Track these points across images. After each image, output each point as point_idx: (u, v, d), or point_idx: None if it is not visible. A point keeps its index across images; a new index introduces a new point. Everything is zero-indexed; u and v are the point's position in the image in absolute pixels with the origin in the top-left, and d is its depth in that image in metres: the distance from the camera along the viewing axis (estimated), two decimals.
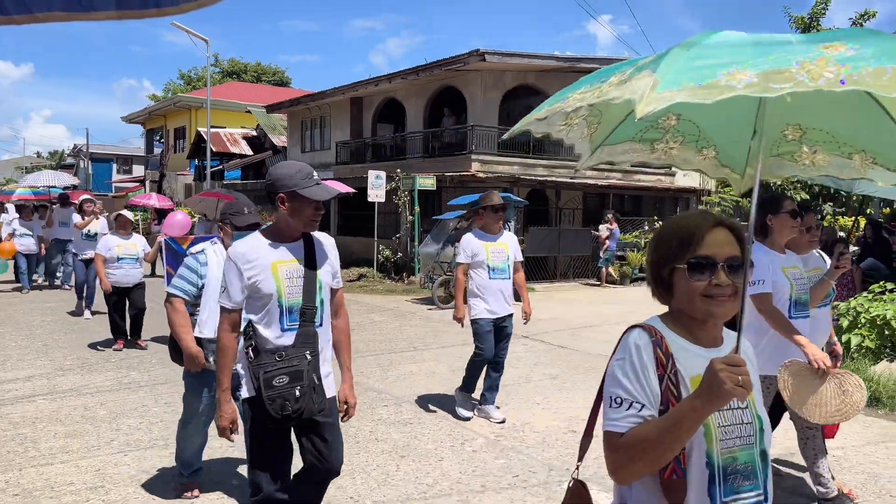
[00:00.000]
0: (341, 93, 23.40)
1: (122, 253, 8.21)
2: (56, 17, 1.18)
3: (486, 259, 5.65)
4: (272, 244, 2.94)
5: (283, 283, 2.90)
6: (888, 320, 7.16)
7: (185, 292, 3.94)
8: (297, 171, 2.91)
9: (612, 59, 20.03)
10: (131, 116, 41.21)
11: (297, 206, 2.89)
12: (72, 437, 5.13)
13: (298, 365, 2.88)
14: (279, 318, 2.91)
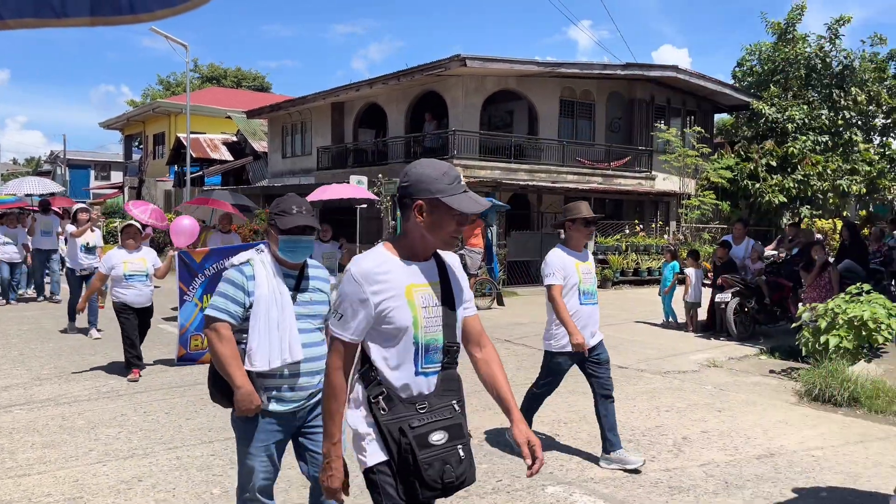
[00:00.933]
0: (322, 98, 23.35)
1: (129, 270, 7.14)
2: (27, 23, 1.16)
3: (578, 281, 4.89)
4: (405, 262, 2.34)
5: (419, 312, 2.30)
6: (865, 321, 7.25)
7: (231, 314, 3.06)
8: (442, 173, 2.31)
9: (592, 64, 20.20)
10: (109, 122, 40.79)
11: (438, 219, 2.29)
12: (49, 447, 5.05)
13: (453, 417, 2.32)
14: (414, 357, 2.31)
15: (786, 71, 24.19)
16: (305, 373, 3.10)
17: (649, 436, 5.53)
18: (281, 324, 3.04)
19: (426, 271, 2.37)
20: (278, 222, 3.13)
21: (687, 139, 21.20)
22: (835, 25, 23.68)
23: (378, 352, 2.31)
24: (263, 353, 3.04)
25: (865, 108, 23.95)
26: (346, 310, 2.29)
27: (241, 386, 3.01)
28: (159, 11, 1.15)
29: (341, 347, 2.32)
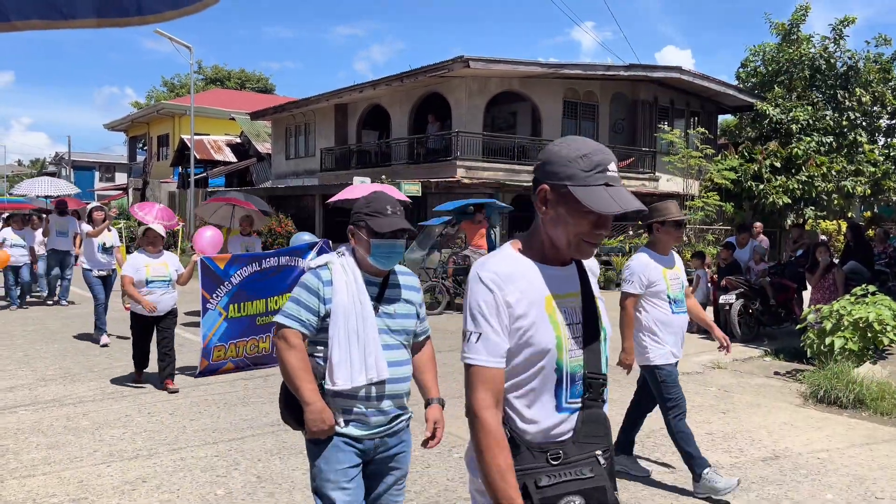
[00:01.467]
0: (325, 99, 23.38)
1: (151, 275, 6.71)
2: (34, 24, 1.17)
3: (665, 288, 4.45)
4: (539, 265, 1.85)
5: (562, 330, 1.82)
6: (870, 323, 7.23)
7: (303, 322, 2.67)
8: (580, 154, 1.76)
9: (595, 65, 20.19)
10: (114, 124, 40.92)
11: (564, 214, 1.78)
12: (54, 448, 5.06)
13: (595, 477, 1.79)
14: (555, 389, 1.82)
15: (790, 72, 24.14)
16: (390, 395, 2.72)
17: (654, 437, 5.52)
18: (362, 337, 2.67)
19: (565, 279, 1.88)
20: (372, 224, 2.73)
21: (690, 140, 21.17)
22: (839, 26, 23.63)
23: (508, 378, 1.81)
24: (345, 369, 2.64)
25: (870, 109, 23.88)
26: (484, 326, 1.77)
27: (311, 402, 2.61)
28: (166, 13, 1.15)
29: (487, 376, 1.76)
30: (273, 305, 7.58)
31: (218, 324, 7.27)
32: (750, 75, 26.18)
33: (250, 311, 7.48)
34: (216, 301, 7.27)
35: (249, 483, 4.46)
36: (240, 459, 4.87)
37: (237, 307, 7.39)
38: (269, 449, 5.10)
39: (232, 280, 7.34)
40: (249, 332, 7.51)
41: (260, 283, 7.52)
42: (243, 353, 7.47)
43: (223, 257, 7.54)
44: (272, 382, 7.08)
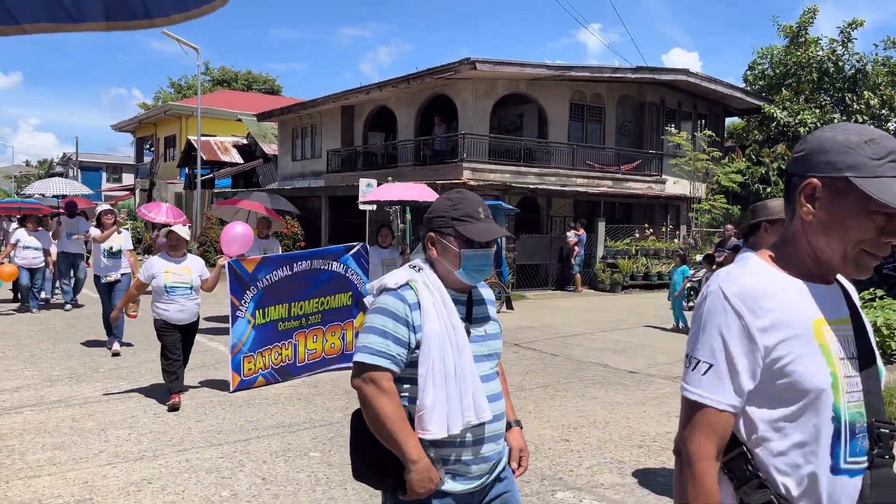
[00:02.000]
0: (332, 101, 23.40)
1: (172, 281, 6.21)
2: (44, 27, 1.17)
3: None
4: (801, 282, 1.49)
5: (838, 367, 1.44)
6: (878, 327, 7.19)
7: (394, 359, 2.14)
8: (866, 139, 1.43)
9: (602, 68, 20.16)
10: (121, 125, 41.08)
11: (844, 213, 1.43)
12: (59, 448, 5.07)
13: None
14: (832, 443, 1.42)
15: (798, 74, 24.07)
16: (491, 436, 2.26)
17: (660, 441, 5.49)
18: (459, 371, 2.18)
19: (834, 301, 1.51)
20: (464, 231, 2.23)
21: (697, 143, 21.11)
22: (847, 29, 23.56)
23: (765, 429, 1.43)
24: (441, 413, 2.13)
25: (878, 112, 23.78)
26: (720, 357, 1.42)
27: (417, 460, 2.08)
28: (175, 16, 1.15)
29: (714, 420, 1.42)
30: (297, 310, 7.22)
31: (248, 332, 6.80)
32: (757, 78, 26.12)
33: (273, 317, 7.04)
34: (245, 308, 6.79)
35: (255, 485, 4.46)
36: (245, 461, 4.87)
37: (262, 313, 6.95)
38: (275, 451, 5.09)
39: (259, 284, 6.89)
40: (273, 338, 7.04)
41: (286, 286, 7.10)
42: (269, 364, 7.00)
43: (252, 260, 6.98)
44: (278, 384, 7.08)
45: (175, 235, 6.34)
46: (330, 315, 7.53)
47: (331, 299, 7.50)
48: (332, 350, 7.58)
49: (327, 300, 7.47)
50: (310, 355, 7.37)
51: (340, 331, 7.63)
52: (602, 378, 7.75)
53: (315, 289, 7.33)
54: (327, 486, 4.47)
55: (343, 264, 7.57)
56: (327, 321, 7.51)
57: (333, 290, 7.52)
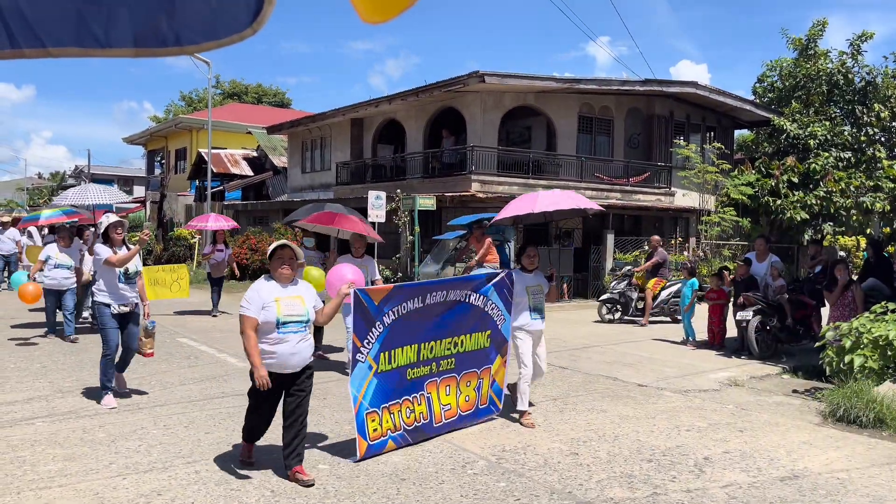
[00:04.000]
0: (341, 114, 23.55)
1: (284, 313, 4.62)
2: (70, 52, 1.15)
3: None
4: None
5: None
6: (891, 341, 7.13)
7: None
8: None
9: (610, 80, 20.19)
10: (132, 137, 41.44)
11: None
12: (70, 459, 5.09)
13: None
14: None
15: (807, 87, 24.03)
16: None
17: (670, 456, 5.46)
18: None
19: None
20: None
21: (706, 155, 21.07)
22: (857, 41, 23.53)
23: None
24: None
25: (889, 125, 23.70)
26: None
27: None
28: (206, 43, 1.15)
29: None
30: (426, 353, 5.69)
31: (368, 380, 5.26)
32: (767, 90, 26.09)
33: (400, 361, 5.50)
34: (367, 349, 5.25)
35: (264, 497, 4.46)
36: (254, 473, 4.87)
37: (388, 356, 5.39)
38: (278, 460, 5.09)
39: (385, 319, 5.32)
40: (401, 390, 5.53)
41: (416, 322, 5.58)
42: (401, 425, 5.47)
43: (381, 289, 5.40)
44: None
45: (288, 252, 4.81)
46: (465, 360, 6.02)
47: (466, 339, 5.99)
48: (467, 405, 6.07)
49: (462, 340, 5.96)
50: (446, 412, 5.87)
51: (476, 380, 6.14)
52: (611, 391, 7.71)
53: (448, 326, 5.84)
54: (336, 499, 4.46)
55: (483, 296, 6.12)
56: (462, 367, 6.01)
57: (470, 328, 6.02)
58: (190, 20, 1.13)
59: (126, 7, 1.13)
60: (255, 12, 1.13)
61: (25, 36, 1.13)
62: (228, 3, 1.13)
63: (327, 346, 9.96)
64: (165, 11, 1.13)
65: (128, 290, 6.87)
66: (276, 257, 4.78)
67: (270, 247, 4.88)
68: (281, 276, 4.75)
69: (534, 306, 6.34)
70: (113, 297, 6.80)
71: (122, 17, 1.13)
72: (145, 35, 1.14)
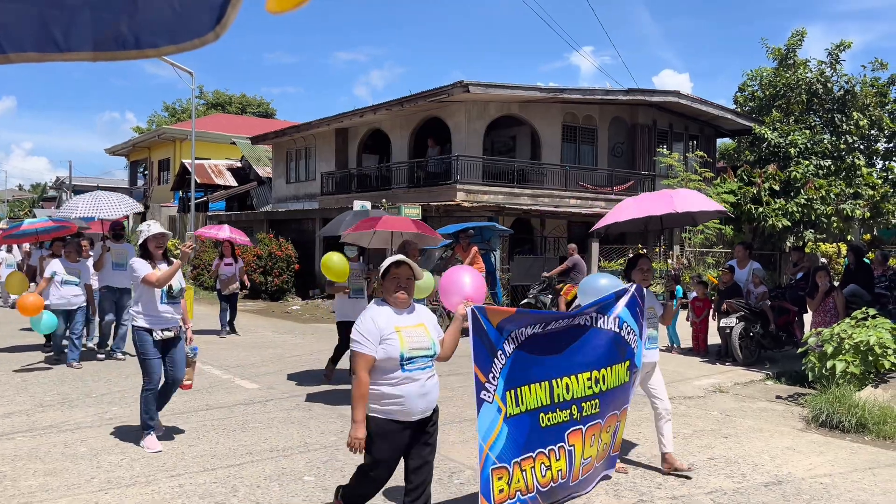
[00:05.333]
0: (326, 124, 23.53)
1: (410, 347, 3.67)
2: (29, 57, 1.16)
3: None
4: None
5: None
6: (871, 346, 7.21)
7: None
8: None
9: (594, 90, 20.33)
10: (115, 148, 41.17)
11: None
12: (51, 475, 5.02)
13: None
14: None
15: (787, 96, 24.33)
16: None
17: (655, 462, 5.48)
18: None
19: None
20: None
21: (689, 164, 21.26)
22: (835, 51, 23.86)
23: None
24: None
25: (867, 133, 24.04)
26: None
27: None
28: (165, 47, 1.16)
29: None
30: (563, 392, 4.41)
31: (498, 427, 4.05)
32: (748, 99, 26.38)
33: (530, 403, 4.25)
34: (493, 386, 4.04)
35: None
36: (238, 486, 4.83)
37: (514, 396, 4.17)
38: (269, 475, 5.06)
39: (505, 348, 4.12)
40: (535, 440, 4.27)
41: (541, 352, 4.36)
42: (534, 485, 4.25)
43: (500, 311, 4.18)
44: (271, 408, 7.05)
45: (406, 270, 3.78)
46: (608, 400, 4.72)
47: (607, 374, 4.69)
48: (603, 453, 4.85)
49: (603, 375, 4.67)
50: (584, 466, 4.61)
51: (615, 423, 4.92)
52: None
53: (584, 357, 4.61)
54: None
55: (612, 317, 4.83)
56: (605, 410, 4.71)
57: (609, 359, 4.74)
58: (151, 23, 1.14)
59: (89, 9, 1.13)
60: (217, 17, 1.13)
61: None
62: (191, 6, 1.13)
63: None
64: (128, 14, 1.13)
65: (171, 312, 5.83)
66: (390, 277, 3.77)
67: (384, 264, 3.82)
68: (398, 301, 3.75)
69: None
70: (153, 320, 5.74)
71: (84, 19, 1.13)
72: (105, 38, 1.14)
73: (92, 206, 9.72)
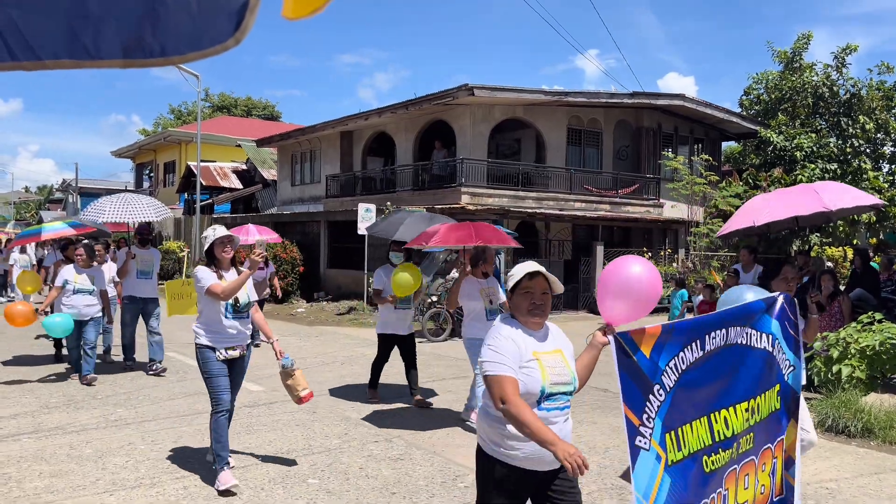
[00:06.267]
0: (331, 127, 23.58)
1: (552, 381, 3.02)
2: (64, 64, 1.20)
3: None
4: None
5: None
6: (878, 351, 7.18)
7: None
8: None
9: (599, 93, 20.33)
10: (121, 151, 41.30)
11: None
12: (57, 476, 5.04)
13: None
14: None
15: (793, 99, 24.28)
16: None
17: None
18: None
19: None
20: None
21: (695, 167, 21.23)
22: (841, 54, 23.81)
23: None
24: None
25: (874, 136, 23.97)
26: None
27: None
28: (189, 54, 1.19)
29: None
30: (722, 428, 3.50)
31: (658, 479, 3.24)
32: (753, 103, 26.34)
33: (693, 446, 3.40)
34: (650, 429, 3.23)
35: None
36: (243, 488, 4.84)
37: (674, 439, 3.33)
38: (273, 478, 5.06)
39: (664, 381, 3.30)
40: (699, 489, 3.40)
41: (699, 381, 3.48)
42: None
43: (647, 333, 3.29)
44: (275, 410, 7.06)
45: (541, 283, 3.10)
46: (760, 433, 3.89)
47: (761, 402, 3.87)
48: (762, 498, 3.85)
49: (757, 404, 3.85)
50: None
51: (770, 460, 3.96)
52: (602, 403, 7.72)
53: (739, 383, 3.72)
54: None
55: (765, 333, 3.92)
56: (759, 444, 3.88)
57: (762, 385, 3.90)
58: (173, 32, 1.17)
59: (112, 20, 1.17)
60: (236, 23, 1.16)
61: (22, 49, 1.18)
62: (210, 15, 1.17)
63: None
64: (150, 24, 1.16)
65: (237, 328, 5.12)
66: (521, 291, 3.04)
67: (513, 274, 3.09)
68: (531, 323, 3.05)
69: None
70: (217, 338, 5.06)
71: (109, 30, 1.17)
72: (132, 47, 1.18)
73: (121, 209, 8.87)
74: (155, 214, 9.14)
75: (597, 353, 3.26)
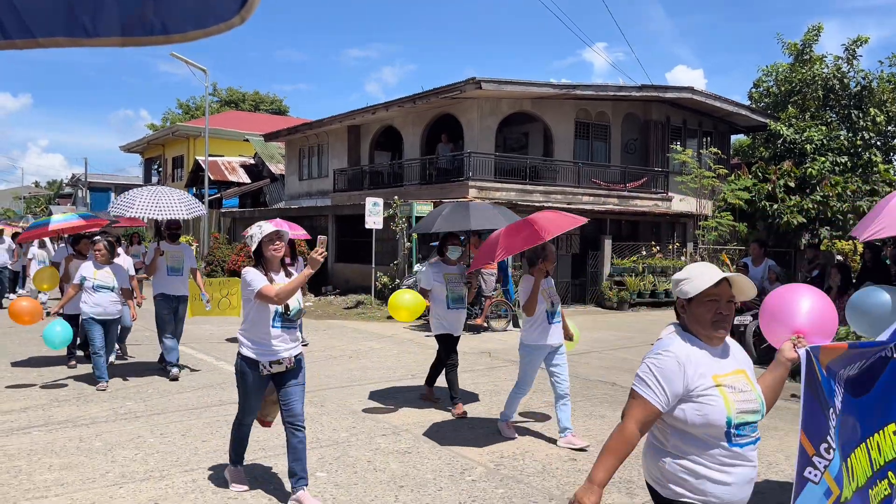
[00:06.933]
0: (339, 121, 23.57)
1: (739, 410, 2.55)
2: (59, 42, 1.16)
3: None
4: None
5: None
6: None
7: None
8: None
9: (607, 86, 20.24)
10: (130, 146, 41.45)
11: None
12: (67, 469, 5.07)
13: None
14: None
15: (803, 92, 24.11)
16: None
17: None
18: None
19: None
20: None
21: (703, 160, 21.12)
22: (852, 46, 23.62)
23: None
24: None
25: (884, 129, 23.78)
26: None
27: None
28: (191, 32, 1.15)
29: None
30: (876, 456, 2.88)
31: None
32: (763, 95, 26.17)
33: (859, 478, 2.81)
34: (827, 461, 2.69)
35: None
36: (251, 482, 4.85)
37: (848, 470, 2.79)
38: (281, 471, 5.08)
39: (836, 401, 2.82)
40: None
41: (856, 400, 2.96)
42: None
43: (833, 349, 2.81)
44: None
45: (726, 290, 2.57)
46: None
47: None
48: None
49: None
50: None
51: None
52: (610, 397, 7.70)
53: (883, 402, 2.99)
54: None
55: None
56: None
57: None
58: (177, 9, 1.14)
59: None
60: (242, 1, 1.13)
61: (16, 27, 1.14)
62: None
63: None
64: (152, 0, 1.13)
65: (285, 339, 4.51)
66: (705, 298, 2.52)
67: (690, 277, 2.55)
68: (715, 338, 2.55)
69: None
70: (261, 350, 4.46)
71: (109, 5, 1.13)
72: (132, 24, 1.14)
73: (151, 205, 8.14)
74: (186, 212, 8.41)
75: (784, 373, 2.72)
